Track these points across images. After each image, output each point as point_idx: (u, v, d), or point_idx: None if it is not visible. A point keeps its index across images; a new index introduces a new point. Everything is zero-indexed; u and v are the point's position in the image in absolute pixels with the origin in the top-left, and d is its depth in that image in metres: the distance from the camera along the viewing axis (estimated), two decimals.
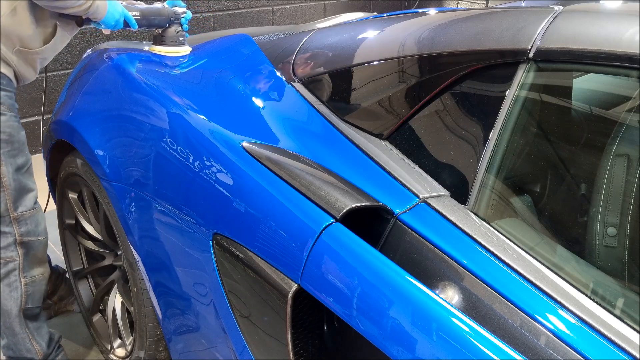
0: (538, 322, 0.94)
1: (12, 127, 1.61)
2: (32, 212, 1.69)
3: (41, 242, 1.74)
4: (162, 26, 1.83)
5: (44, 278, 1.77)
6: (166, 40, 1.85)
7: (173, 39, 1.85)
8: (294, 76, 1.60)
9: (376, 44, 1.52)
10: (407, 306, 0.99)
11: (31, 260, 1.72)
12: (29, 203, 1.68)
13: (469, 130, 1.24)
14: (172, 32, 1.84)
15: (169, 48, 1.85)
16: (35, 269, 1.74)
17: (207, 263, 1.37)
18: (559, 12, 1.15)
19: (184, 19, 1.87)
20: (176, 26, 1.85)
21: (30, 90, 3.37)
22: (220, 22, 4.16)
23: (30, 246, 1.70)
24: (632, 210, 1.03)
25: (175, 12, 1.84)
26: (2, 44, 1.58)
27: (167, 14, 1.82)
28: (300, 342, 1.24)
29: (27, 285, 1.72)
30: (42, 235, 1.73)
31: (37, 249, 1.73)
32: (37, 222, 1.71)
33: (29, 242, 1.70)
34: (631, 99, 1.08)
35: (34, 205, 1.70)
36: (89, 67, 1.91)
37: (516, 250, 1.05)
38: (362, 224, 1.17)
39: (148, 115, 1.57)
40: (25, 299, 1.72)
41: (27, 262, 1.71)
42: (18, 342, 1.75)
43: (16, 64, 1.62)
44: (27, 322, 1.76)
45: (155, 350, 1.75)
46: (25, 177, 1.67)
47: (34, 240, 1.71)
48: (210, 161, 1.38)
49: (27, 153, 1.68)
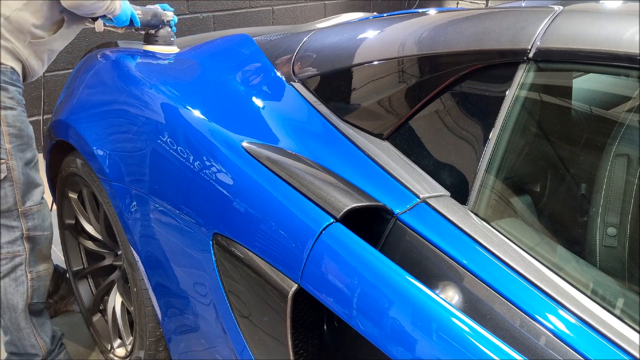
0: (538, 322, 0.94)
1: (22, 122, 1.64)
2: (40, 207, 1.71)
3: (47, 237, 1.75)
4: (157, 26, 1.99)
5: (48, 274, 1.79)
6: (159, 40, 2.00)
7: (165, 39, 2.00)
8: (294, 76, 1.60)
9: (376, 44, 1.52)
10: (407, 306, 0.99)
11: (37, 255, 1.73)
12: (36, 198, 1.70)
13: (469, 130, 1.24)
14: (164, 33, 2.00)
15: (162, 47, 1.99)
16: (41, 264, 1.75)
17: (207, 263, 1.37)
18: (559, 12, 1.14)
19: (172, 21, 2.03)
20: (167, 27, 2.01)
21: (31, 90, 3.37)
22: (220, 22, 4.16)
23: (36, 241, 1.71)
24: (632, 210, 1.03)
25: (166, 15, 2.00)
26: (15, 38, 1.62)
27: (161, 16, 1.98)
28: (300, 342, 1.24)
29: (33, 280, 1.73)
30: (48, 231, 1.75)
31: (42, 244, 1.74)
32: (44, 217, 1.73)
33: (35, 237, 1.71)
34: (631, 99, 1.08)
35: (41, 200, 1.72)
36: (89, 68, 1.91)
37: (516, 250, 1.05)
38: (362, 224, 1.17)
39: (148, 116, 1.56)
40: (31, 293, 1.73)
41: (33, 257, 1.72)
42: (23, 337, 1.75)
43: (26, 57, 1.66)
44: (32, 318, 1.76)
45: (155, 350, 1.75)
46: (33, 172, 1.69)
47: (40, 235, 1.72)
48: (210, 161, 1.38)
49: (34, 148, 1.70)
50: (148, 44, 2.01)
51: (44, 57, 1.74)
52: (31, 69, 1.71)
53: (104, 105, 1.73)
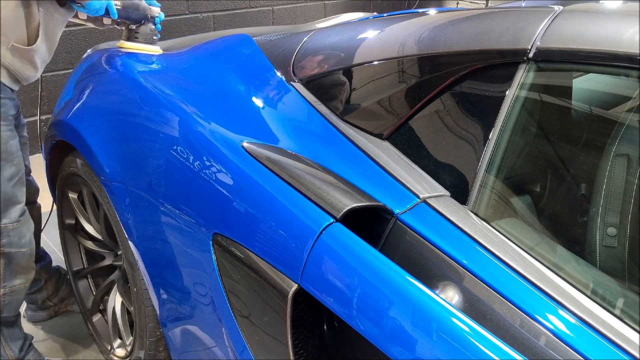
0: (538, 322, 0.94)
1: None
2: (16, 225, 1.63)
3: (24, 253, 1.68)
4: (138, 21, 1.82)
5: (24, 287, 1.73)
6: (139, 37, 1.83)
7: (147, 37, 1.83)
8: (293, 76, 1.60)
9: (376, 44, 1.52)
10: (407, 306, 0.99)
11: (13, 270, 1.67)
12: (13, 216, 1.63)
13: (469, 130, 1.24)
14: (146, 30, 1.83)
15: (141, 45, 1.83)
16: (17, 279, 1.69)
17: (207, 263, 1.37)
18: (559, 12, 1.14)
19: (157, 18, 1.85)
20: (150, 24, 1.84)
21: (31, 90, 3.38)
22: (220, 22, 4.16)
23: (12, 257, 1.65)
24: (632, 210, 1.03)
25: (151, 10, 1.83)
26: None
27: (144, 10, 1.81)
28: (300, 342, 1.24)
29: (5, 295, 1.68)
30: (25, 247, 1.68)
31: (19, 259, 1.68)
32: (21, 234, 1.65)
33: (10, 253, 1.65)
34: (631, 99, 1.08)
35: (18, 218, 1.64)
36: (90, 68, 1.90)
37: (516, 250, 1.05)
38: (362, 224, 1.17)
39: (148, 116, 1.57)
40: (2, 308, 1.68)
41: (8, 272, 1.66)
42: None
43: (10, 61, 1.56)
44: (2, 329, 1.72)
45: (155, 350, 1.75)
46: (14, 188, 1.61)
47: (16, 251, 1.65)
48: (210, 161, 1.38)
49: (17, 163, 1.62)
50: (127, 41, 1.84)
51: (34, 61, 1.63)
52: (20, 74, 1.61)
53: (105, 107, 1.73)
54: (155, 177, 1.52)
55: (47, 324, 2.21)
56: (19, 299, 1.74)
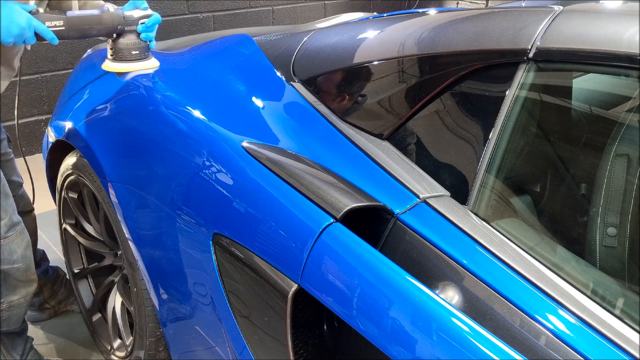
0: (538, 322, 0.94)
1: None
2: (5, 242, 1.58)
3: (18, 269, 1.64)
4: (108, 36, 1.40)
5: (25, 301, 1.70)
6: (125, 54, 1.40)
7: (123, 54, 1.40)
8: (293, 76, 1.60)
9: (376, 44, 1.52)
10: (407, 306, 0.99)
11: (10, 285, 1.64)
12: None
13: (469, 130, 1.24)
14: (122, 45, 1.39)
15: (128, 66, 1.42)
16: (15, 294, 1.66)
17: (207, 263, 1.37)
18: (559, 12, 1.14)
19: (142, 25, 1.39)
20: (129, 36, 1.39)
21: (31, 90, 3.38)
22: (220, 22, 4.16)
23: (5, 273, 1.62)
24: (632, 210, 1.03)
25: (127, 18, 1.37)
26: None
27: (112, 22, 1.36)
28: (300, 342, 1.24)
29: (3, 311, 1.65)
30: (18, 263, 1.63)
31: (15, 275, 1.64)
32: (11, 250, 1.60)
33: (3, 270, 1.62)
34: (631, 99, 1.08)
35: (5, 234, 1.58)
36: (90, 68, 1.90)
37: (516, 250, 1.05)
38: (362, 224, 1.17)
39: (148, 116, 1.56)
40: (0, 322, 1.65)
41: (4, 288, 1.63)
42: None
43: None
44: (3, 339, 1.71)
45: (155, 350, 1.75)
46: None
47: (8, 267, 1.61)
48: (210, 161, 1.38)
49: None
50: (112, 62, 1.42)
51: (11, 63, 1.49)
52: None
53: (105, 106, 1.73)
54: (155, 178, 1.52)
55: (47, 324, 2.21)
56: (20, 312, 1.71)
